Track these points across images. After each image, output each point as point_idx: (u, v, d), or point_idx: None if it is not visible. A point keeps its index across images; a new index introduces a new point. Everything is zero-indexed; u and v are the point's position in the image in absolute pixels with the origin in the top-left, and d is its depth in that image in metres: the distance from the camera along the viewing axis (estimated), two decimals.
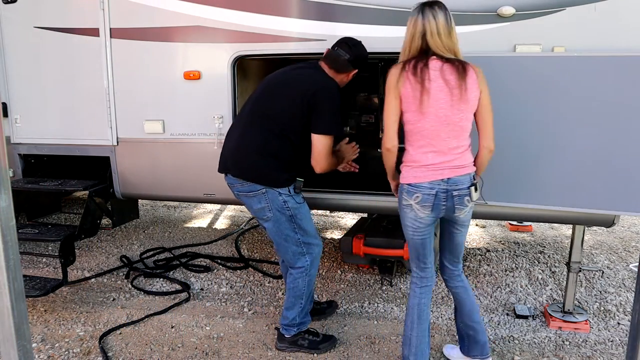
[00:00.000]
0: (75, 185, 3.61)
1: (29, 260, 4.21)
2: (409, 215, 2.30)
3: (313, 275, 2.82)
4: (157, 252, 4.44)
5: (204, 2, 3.11)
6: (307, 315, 2.86)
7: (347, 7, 2.90)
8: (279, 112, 2.61)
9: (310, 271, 2.79)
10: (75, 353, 2.85)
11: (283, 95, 2.63)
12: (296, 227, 2.71)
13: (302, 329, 2.85)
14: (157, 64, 3.30)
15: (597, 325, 3.16)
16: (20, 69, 3.58)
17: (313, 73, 2.67)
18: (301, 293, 2.79)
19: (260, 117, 2.65)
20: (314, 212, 5.72)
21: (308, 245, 2.76)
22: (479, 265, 4.07)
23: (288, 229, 2.71)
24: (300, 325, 2.84)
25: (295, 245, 2.74)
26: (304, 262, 2.77)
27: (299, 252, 2.75)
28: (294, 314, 2.80)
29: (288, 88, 2.64)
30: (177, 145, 3.35)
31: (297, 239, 2.73)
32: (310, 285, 2.81)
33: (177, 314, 3.31)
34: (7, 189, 1.39)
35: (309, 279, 2.80)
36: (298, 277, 2.78)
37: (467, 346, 2.61)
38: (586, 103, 2.50)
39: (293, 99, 2.59)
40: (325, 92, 2.58)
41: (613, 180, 2.52)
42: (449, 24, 2.18)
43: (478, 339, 2.57)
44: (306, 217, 2.75)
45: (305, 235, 2.74)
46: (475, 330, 2.56)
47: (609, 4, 2.57)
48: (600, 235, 4.92)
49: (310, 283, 2.81)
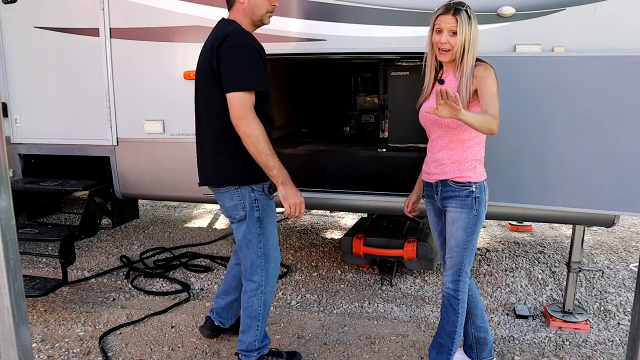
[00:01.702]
0: (75, 185, 3.61)
1: (29, 260, 4.21)
2: (484, 215, 2.33)
3: (268, 293, 2.51)
4: (157, 252, 4.44)
5: (204, 2, 3.11)
6: (266, 337, 2.60)
7: (347, 7, 2.90)
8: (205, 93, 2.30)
9: (265, 288, 2.48)
10: (75, 353, 2.85)
11: (201, 71, 2.33)
12: (261, 234, 2.40)
13: (263, 352, 2.57)
14: (157, 64, 3.30)
15: (597, 325, 3.16)
16: (20, 69, 3.58)
17: (219, 29, 2.31)
18: (257, 314, 2.49)
19: (201, 112, 2.38)
20: (314, 212, 5.72)
21: (267, 259, 2.44)
22: (479, 265, 4.07)
23: (252, 234, 2.39)
24: (261, 349, 2.56)
25: (255, 255, 2.42)
26: (259, 278, 2.45)
27: (258, 265, 2.44)
28: (251, 337, 2.52)
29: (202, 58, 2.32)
30: (177, 145, 3.35)
31: (258, 248, 2.42)
32: (266, 305, 2.52)
33: (177, 314, 3.31)
34: (7, 189, 1.39)
35: (265, 298, 2.49)
36: (252, 295, 2.48)
37: (477, 350, 2.59)
38: (586, 103, 2.50)
39: (204, 68, 2.26)
40: (229, 40, 2.18)
41: (613, 180, 2.52)
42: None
43: (488, 340, 2.58)
44: (272, 224, 2.46)
45: (266, 246, 2.43)
46: (486, 332, 2.57)
47: (609, 4, 2.57)
48: (600, 235, 4.92)
49: (266, 303, 2.51)
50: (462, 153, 2.26)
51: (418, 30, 2.81)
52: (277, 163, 2.21)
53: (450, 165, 2.28)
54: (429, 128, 2.38)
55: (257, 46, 2.24)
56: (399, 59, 3.25)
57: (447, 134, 2.27)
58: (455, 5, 2.14)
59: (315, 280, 3.84)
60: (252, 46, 2.22)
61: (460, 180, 2.27)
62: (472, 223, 2.28)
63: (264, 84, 2.25)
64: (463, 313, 2.35)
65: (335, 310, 3.38)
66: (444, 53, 2.20)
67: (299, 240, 4.75)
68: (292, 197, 2.26)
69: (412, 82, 3.09)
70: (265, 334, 2.60)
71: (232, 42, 2.19)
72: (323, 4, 2.93)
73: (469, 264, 2.33)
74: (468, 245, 2.30)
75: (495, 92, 2.16)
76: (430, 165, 2.38)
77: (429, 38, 2.27)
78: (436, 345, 2.44)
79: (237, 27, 2.28)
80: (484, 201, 2.31)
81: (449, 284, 2.35)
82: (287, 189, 2.24)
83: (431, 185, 2.42)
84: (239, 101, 2.16)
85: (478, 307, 2.53)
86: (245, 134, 2.17)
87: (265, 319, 2.55)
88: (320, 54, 3.03)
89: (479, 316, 2.54)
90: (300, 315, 3.30)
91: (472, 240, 2.30)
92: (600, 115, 2.49)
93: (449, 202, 2.32)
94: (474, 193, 2.26)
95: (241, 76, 2.18)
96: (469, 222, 2.27)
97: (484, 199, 2.31)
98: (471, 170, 2.26)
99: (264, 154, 2.18)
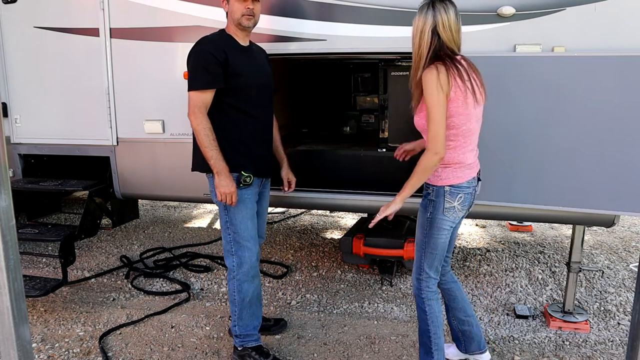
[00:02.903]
0: (75, 185, 3.61)
1: (29, 260, 4.21)
2: (449, 218, 2.27)
3: (242, 282, 2.60)
4: (157, 252, 4.44)
5: (204, 2, 3.11)
6: (250, 330, 2.68)
7: (347, 7, 2.90)
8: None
9: (237, 276, 2.60)
10: (75, 353, 2.85)
11: None
12: (228, 221, 2.59)
13: (247, 344, 2.67)
14: (157, 64, 3.29)
15: (597, 325, 3.16)
16: (20, 69, 3.58)
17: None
18: (233, 298, 2.63)
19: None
20: (314, 212, 5.72)
21: (238, 245, 2.59)
22: (479, 265, 4.07)
23: (222, 219, 2.62)
24: (245, 339, 2.67)
25: (226, 240, 2.62)
26: (230, 263, 2.62)
27: (228, 250, 2.62)
28: (234, 322, 2.67)
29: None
30: (177, 145, 3.35)
31: (228, 234, 2.60)
32: (241, 293, 2.61)
33: (177, 314, 3.31)
34: (7, 189, 1.39)
35: (238, 285, 2.61)
36: (229, 279, 2.65)
37: (464, 343, 2.62)
38: (586, 103, 2.50)
39: None
40: (191, 48, 2.53)
41: (613, 180, 2.52)
42: (458, 21, 2.16)
43: (474, 333, 2.59)
44: (241, 215, 2.57)
45: (236, 234, 2.58)
46: (470, 324, 2.58)
47: (609, 4, 2.56)
48: (600, 235, 4.92)
49: (240, 290, 2.61)
50: None
51: None
52: (215, 155, 2.45)
53: None
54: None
55: (210, 49, 2.47)
56: (399, 59, 3.25)
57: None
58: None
59: (315, 280, 3.84)
60: (204, 50, 2.48)
61: (428, 182, 2.29)
62: (427, 224, 2.28)
63: (213, 82, 2.47)
64: (431, 311, 2.37)
65: (335, 310, 3.38)
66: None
67: (299, 240, 4.75)
68: (224, 187, 2.48)
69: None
70: (247, 326, 2.66)
71: (190, 49, 2.53)
72: (323, 4, 2.93)
73: (428, 265, 2.34)
74: (425, 246, 2.31)
75: (432, 105, 2.08)
76: None
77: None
78: (420, 344, 2.48)
79: (208, 35, 2.58)
80: (441, 206, 2.24)
81: (414, 282, 2.41)
82: (221, 178, 2.48)
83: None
84: (190, 100, 2.49)
85: (457, 299, 2.56)
86: (193, 127, 2.50)
87: (243, 308, 2.63)
88: (320, 54, 3.03)
89: (459, 309, 2.56)
90: (300, 315, 3.30)
91: (429, 242, 2.30)
92: (600, 115, 2.49)
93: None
94: (430, 195, 2.28)
95: (191, 78, 2.50)
96: (424, 222, 2.30)
97: (441, 204, 2.24)
98: (435, 175, 2.25)
99: (202, 145, 2.46)
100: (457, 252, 4.37)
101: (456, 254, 4.32)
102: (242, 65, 2.53)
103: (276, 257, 4.28)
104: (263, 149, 2.72)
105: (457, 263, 4.12)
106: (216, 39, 2.55)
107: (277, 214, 5.65)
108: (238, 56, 2.53)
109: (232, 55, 2.49)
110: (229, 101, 2.52)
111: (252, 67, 2.60)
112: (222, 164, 2.46)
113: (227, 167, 2.48)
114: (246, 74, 2.54)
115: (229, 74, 2.48)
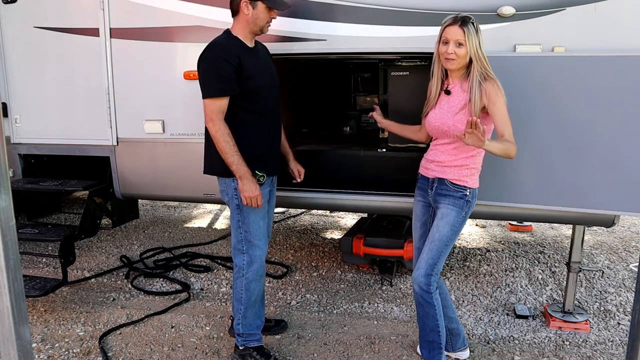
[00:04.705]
0: (75, 185, 3.61)
1: (29, 260, 4.21)
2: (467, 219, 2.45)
3: (251, 280, 2.63)
4: (157, 252, 4.44)
5: (204, 2, 3.11)
6: (253, 329, 2.70)
7: (347, 7, 2.90)
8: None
9: (246, 274, 2.63)
10: (75, 353, 2.85)
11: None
12: (241, 221, 2.60)
13: (249, 343, 2.68)
14: (157, 64, 3.29)
15: (597, 325, 3.16)
16: (20, 69, 3.57)
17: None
18: (239, 297, 2.65)
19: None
20: (314, 212, 5.72)
21: (249, 244, 2.61)
22: (479, 265, 4.07)
23: (234, 219, 2.62)
24: (247, 338, 2.69)
25: (237, 239, 2.63)
26: (240, 261, 2.64)
27: (239, 249, 2.63)
28: (237, 320, 2.68)
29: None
30: (177, 145, 3.35)
31: (239, 233, 2.61)
32: (248, 291, 2.64)
33: (177, 314, 3.31)
34: (7, 189, 1.40)
35: (246, 283, 2.63)
36: (236, 277, 2.66)
37: (452, 342, 2.69)
38: (586, 103, 2.51)
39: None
40: (201, 53, 2.49)
41: (613, 180, 2.52)
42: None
43: (460, 330, 2.70)
44: (255, 214, 2.59)
45: (248, 233, 2.60)
46: (457, 322, 2.68)
47: (609, 4, 2.56)
48: (600, 235, 4.92)
49: (248, 289, 2.64)
50: (465, 160, 2.36)
51: (418, 30, 2.82)
52: (236, 160, 2.45)
53: (451, 168, 2.38)
54: (435, 134, 2.46)
55: (223, 55, 2.44)
56: (398, 59, 3.25)
57: (454, 142, 2.36)
58: (463, 18, 2.23)
59: (315, 280, 3.84)
60: (217, 56, 2.45)
61: (458, 182, 2.37)
62: (459, 223, 2.39)
63: (228, 89, 2.46)
64: (439, 304, 2.42)
65: (335, 310, 3.38)
66: (451, 61, 2.27)
67: (299, 240, 4.75)
68: (248, 191, 2.48)
69: (412, 82, 3.09)
70: (251, 325, 2.68)
71: (201, 55, 2.49)
72: (323, 4, 2.93)
73: (442, 262, 2.40)
74: (449, 242, 2.38)
75: (506, 113, 2.26)
76: (430, 163, 2.47)
77: (435, 49, 2.36)
78: (425, 344, 2.49)
79: (217, 39, 2.54)
80: (472, 207, 2.43)
81: (422, 278, 2.39)
82: (244, 182, 2.47)
83: (427, 179, 2.50)
84: (206, 107, 2.47)
85: (447, 298, 2.63)
86: (211, 135, 2.48)
87: (249, 306, 2.66)
88: (320, 54, 3.03)
89: (449, 307, 2.63)
90: (300, 315, 3.30)
91: (453, 239, 2.39)
92: (600, 115, 2.49)
93: (442, 199, 2.41)
94: (467, 197, 2.38)
95: (206, 85, 2.47)
96: (457, 221, 2.37)
97: (473, 205, 2.43)
98: (469, 177, 2.38)
99: (224, 152, 2.45)
100: (457, 252, 4.38)
101: (456, 254, 4.32)
102: (253, 68, 2.53)
103: (276, 257, 4.28)
104: (274, 147, 2.74)
105: (457, 263, 4.12)
106: (226, 43, 2.51)
107: (277, 214, 5.65)
108: (249, 58, 2.52)
109: (243, 59, 2.48)
110: (241, 103, 2.52)
111: (261, 68, 2.61)
112: (245, 168, 2.46)
113: (249, 171, 2.47)
114: (257, 75, 2.55)
115: (242, 77, 2.48)
